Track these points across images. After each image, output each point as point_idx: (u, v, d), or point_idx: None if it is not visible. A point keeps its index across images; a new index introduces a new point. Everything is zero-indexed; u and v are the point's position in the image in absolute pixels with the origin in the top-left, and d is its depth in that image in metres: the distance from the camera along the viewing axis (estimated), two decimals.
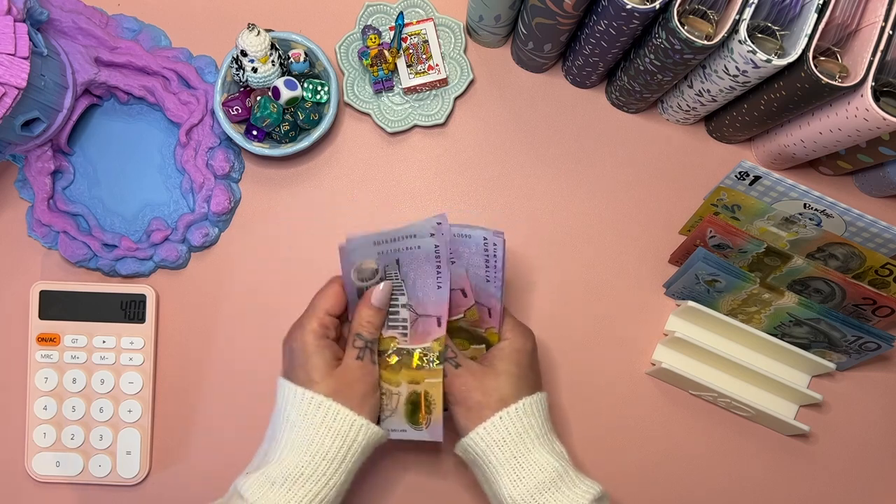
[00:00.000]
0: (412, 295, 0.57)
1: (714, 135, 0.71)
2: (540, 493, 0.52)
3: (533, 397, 0.55)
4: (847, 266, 0.63)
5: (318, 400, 0.52)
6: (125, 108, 0.68)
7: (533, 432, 0.54)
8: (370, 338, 0.55)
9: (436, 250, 0.55)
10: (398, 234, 0.55)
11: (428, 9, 0.69)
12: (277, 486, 0.51)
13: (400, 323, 0.57)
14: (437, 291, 0.56)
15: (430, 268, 0.56)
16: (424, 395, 0.56)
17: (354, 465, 0.53)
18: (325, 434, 0.52)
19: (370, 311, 0.56)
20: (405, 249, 0.56)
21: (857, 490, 0.69)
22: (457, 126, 0.70)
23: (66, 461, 0.66)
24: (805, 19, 0.55)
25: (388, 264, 0.56)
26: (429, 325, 0.56)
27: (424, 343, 0.56)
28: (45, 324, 0.66)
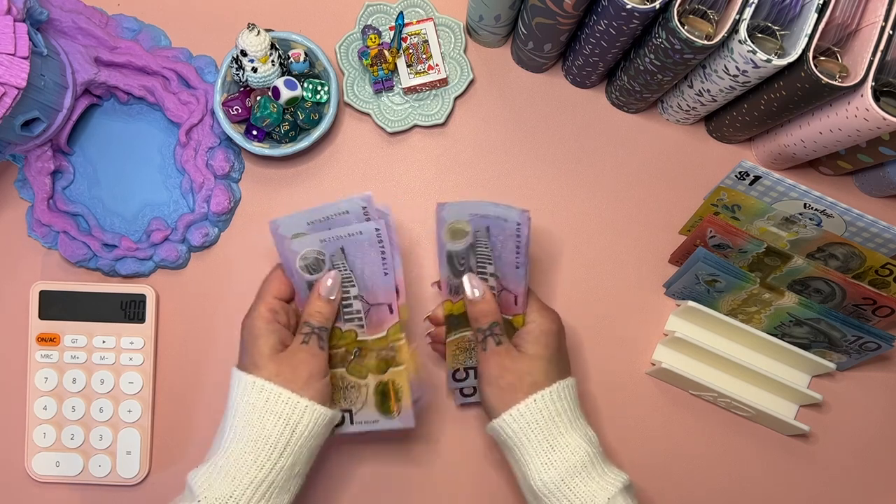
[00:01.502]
0: (362, 286, 0.57)
1: (714, 135, 0.71)
2: (571, 478, 0.52)
3: (565, 381, 0.55)
4: (847, 266, 0.63)
5: (260, 383, 0.52)
6: (125, 108, 0.68)
7: (566, 416, 0.54)
8: (318, 325, 0.55)
9: (377, 234, 0.55)
10: (328, 210, 0.55)
11: (428, 9, 0.69)
12: (223, 475, 0.51)
13: (355, 315, 0.57)
14: (385, 278, 0.56)
15: (374, 254, 0.56)
16: (392, 384, 0.56)
17: (302, 448, 0.53)
18: (267, 417, 0.52)
19: (320, 302, 0.56)
20: (347, 236, 0.56)
21: (857, 490, 0.69)
22: (457, 126, 0.70)
23: (66, 461, 0.66)
24: (805, 19, 0.55)
25: (334, 253, 0.56)
26: (382, 313, 0.57)
27: (381, 332, 0.57)
28: (45, 324, 0.66)
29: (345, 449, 0.67)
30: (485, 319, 0.56)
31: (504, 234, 0.57)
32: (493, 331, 0.56)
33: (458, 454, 0.67)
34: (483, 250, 0.57)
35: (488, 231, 0.56)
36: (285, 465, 0.52)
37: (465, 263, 0.58)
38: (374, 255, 0.56)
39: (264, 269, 0.68)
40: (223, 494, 0.50)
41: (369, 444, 0.67)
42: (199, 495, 0.50)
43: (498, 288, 0.57)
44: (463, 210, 0.56)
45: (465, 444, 0.67)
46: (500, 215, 0.56)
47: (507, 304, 0.59)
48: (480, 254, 0.57)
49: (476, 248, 0.57)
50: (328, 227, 0.56)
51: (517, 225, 0.56)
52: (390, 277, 0.56)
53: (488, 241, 0.57)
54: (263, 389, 0.52)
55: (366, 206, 0.55)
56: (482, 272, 0.57)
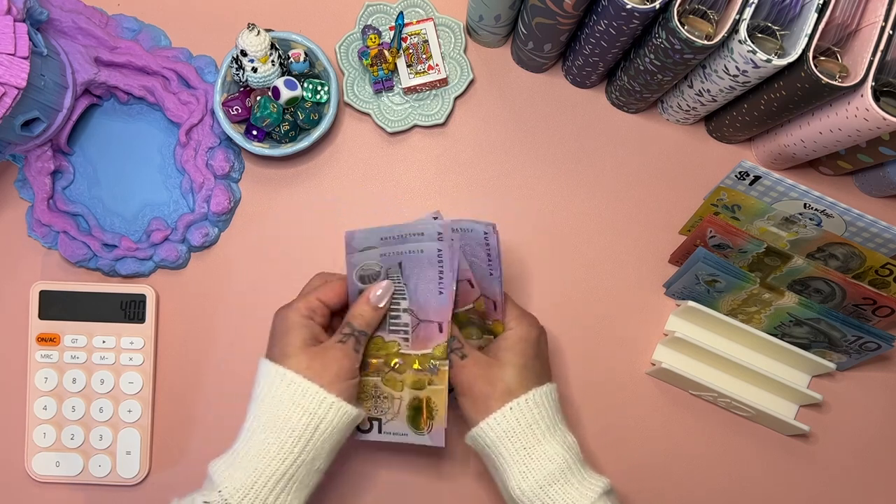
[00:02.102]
0: (414, 300, 0.57)
1: (714, 135, 0.71)
2: (549, 485, 0.52)
3: (542, 388, 0.55)
4: (847, 266, 0.63)
5: (290, 376, 0.52)
6: (125, 108, 0.68)
7: (543, 423, 0.54)
8: (359, 327, 0.55)
9: (439, 254, 0.55)
10: (405, 230, 0.55)
11: (428, 9, 0.69)
12: (244, 464, 0.51)
13: (401, 328, 0.57)
14: (439, 297, 0.56)
15: (432, 272, 0.55)
16: (427, 401, 0.56)
17: (325, 444, 0.52)
18: (292, 409, 0.51)
19: (366, 307, 0.56)
20: (408, 253, 0.55)
21: (857, 490, 0.69)
22: (457, 126, 0.70)
23: (65, 461, 0.66)
24: (805, 19, 0.55)
25: (391, 267, 0.56)
26: (430, 330, 0.56)
27: (426, 349, 0.56)
28: (45, 324, 0.66)
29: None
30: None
31: (471, 244, 0.57)
32: (451, 346, 0.56)
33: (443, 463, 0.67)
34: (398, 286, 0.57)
35: (401, 266, 0.56)
36: (307, 459, 0.51)
37: None
38: (432, 273, 0.55)
39: (264, 269, 0.68)
40: (244, 485, 0.50)
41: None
42: (220, 485, 0.50)
43: (414, 322, 0.57)
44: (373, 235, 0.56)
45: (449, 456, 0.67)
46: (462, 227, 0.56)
47: (488, 310, 0.59)
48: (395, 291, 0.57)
49: None
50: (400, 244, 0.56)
51: (484, 234, 0.56)
52: (444, 297, 0.56)
53: (401, 277, 0.56)
54: (292, 383, 0.52)
55: (441, 232, 0.55)
56: (395, 308, 0.57)
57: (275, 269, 0.68)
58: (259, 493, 0.50)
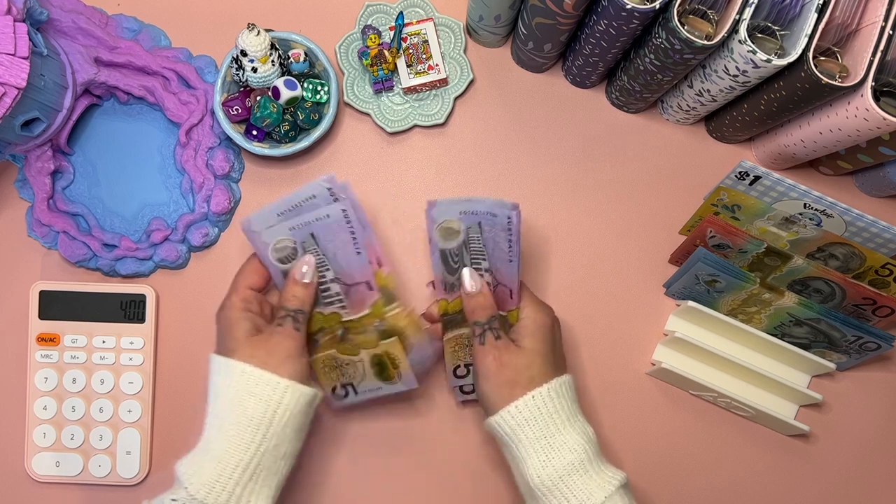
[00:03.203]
0: (336, 268, 0.57)
1: (714, 135, 0.71)
2: (568, 475, 0.52)
3: (563, 378, 0.55)
4: (847, 266, 0.63)
5: (240, 367, 0.52)
6: (125, 108, 0.68)
7: (564, 413, 0.54)
8: (293, 308, 0.55)
9: (344, 215, 0.55)
10: (296, 198, 0.56)
11: (428, 9, 0.69)
12: (207, 460, 0.51)
13: (335, 298, 0.57)
14: (358, 257, 0.56)
15: (345, 235, 0.56)
16: (386, 354, 0.57)
17: (286, 428, 0.53)
18: (248, 399, 0.52)
19: (296, 287, 0.56)
20: (315, 221, 0.56)
21: (857, 490, 0.69)
22: (457, 126, 0.70)
23: (65, 461, 0.66)
24: (805, 19, 0.55)
25: (305, 240, 0.57)
26: (361, 292, 0.57)
27: (363, 311, 0.57)
28: (44, 324, 0.66)
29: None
30: (483, 313, 0.56)
31: (495, 228, 0.57)
32: (491, 325, 0.56)
33: (457, 451, 0.67)
34: (476, 246, 0.57)
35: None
36: (269, 446, 0.52)
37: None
38: (345, 235, 0.56)
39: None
40: (209, 479, 0.50)
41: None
42: (186, 482, 0.50)
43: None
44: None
45: (464, 442, 0.67)
46: (490, 210, 0.56)
47: (503, 299, 0.59)
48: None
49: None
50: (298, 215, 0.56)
51: (508, 219, 0.56)
52: (363, 256, 0.56)
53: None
54: (244, 373, 0.52)
55: (330, 186, 0.55)
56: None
57: None
58: (225, 485, 0.50)
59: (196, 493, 0.50)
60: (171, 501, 0.50)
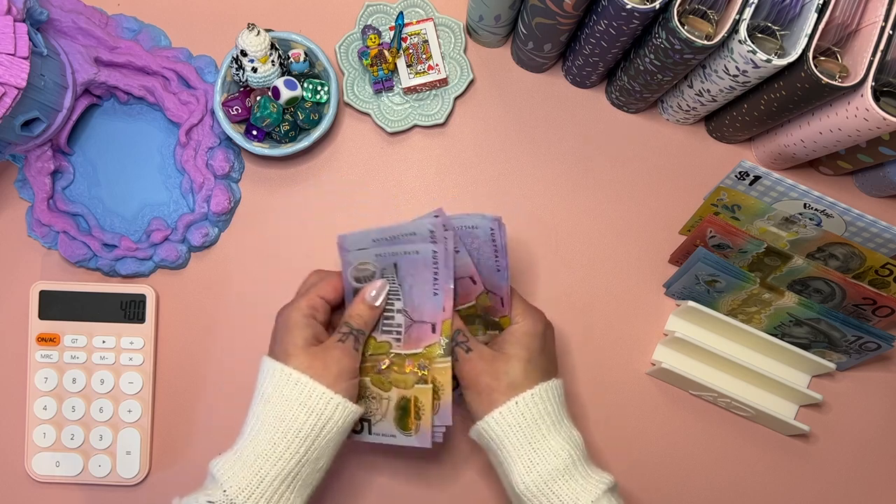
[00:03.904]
0: (408, 301, 0.57)
1: (714, 135, 0.71)
2: (554, 481, 0.52)
3: (548, 383, 0.55)
4: (847, 266, 0.63)
5: (295, 376, 0.52)
6: (125, 108, 0.68)
7: (549, 418, 0.54)
8: (357, 327, 0.55)
9: (433, 256, 0.55)
10: (396, 231, 0.55)
11: (428, 9, 0.69)
12: (249, 463, 0.51)
13: (394, 328, 0.57)
14: (433, 298, 0.56)
15: (427, 274, 0.55)
16: (414, 400, 0.56)
17: (329, 443, 0.52)
18: (299, 410, 0.51)
19: (363, 306, 0.56)
20: (403, 254, 0.55)
21: (857, 490, 0.69)
22: (457, 126, 0.70)
23: (65, 461, 0.66)
24: (805, 19, 0.55)
25: (386, 268, 0.56)
26: (423, 331, 0.56)
27: (417, 349, 0.56)
28: (45, 324, 0.66)
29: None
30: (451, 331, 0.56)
31: (478, 240, 0.56)
32: (457, 340, 0.56)
33: (452, 458, 0.67)
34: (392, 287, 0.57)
35: (396, 267, 0.56)
36: (311, 458, 0.52)
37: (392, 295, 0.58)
38: (427, 274, 0.55)
39: (264, 269, 0.68)
40: (248, 484, 0.50)
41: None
42: (224, 484, 0.50)
43: (407, 323, 0.57)
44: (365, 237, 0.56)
45: (456, 450, 0.67)
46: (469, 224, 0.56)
47: (495, 306, 0.59)
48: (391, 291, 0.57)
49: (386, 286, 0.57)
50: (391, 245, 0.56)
51: (490, 230, 0.56)
52: (439, 298, 0.56)
53: (396, 278, 0.57)
54: (298, 382, 0.52)
55: (434, 230, 0.55)
56: (389, 308, 0.57)
57: (275, 268, 0.68)
58: (264, 492, 0.50)
59: (235, 497, 0.50)
60: (208, 503, 0.50)
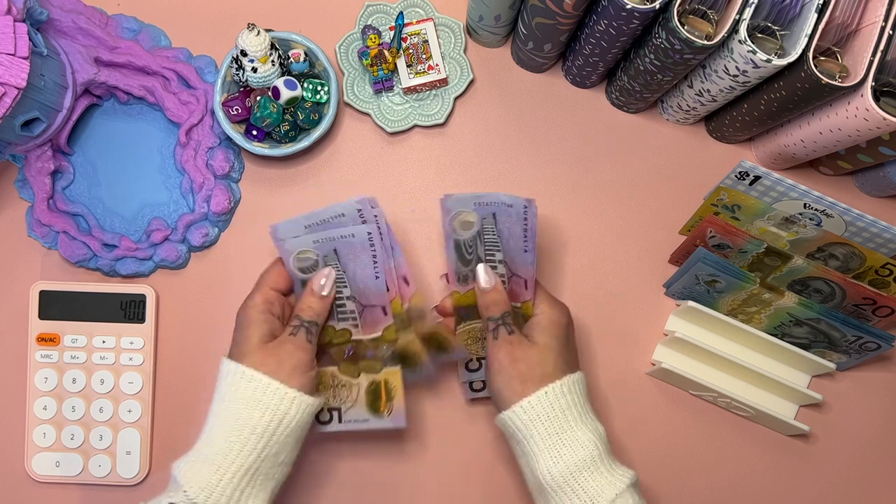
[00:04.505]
0: (353, 287, 0.57)
1: (714, 135, 0.71)
2: (579, 472, 0.52)
3: (575, 375, 0.55)
4: (847, 266, 0.63)
5: (249, 373, 0.52)
6: (125, 108, 0.68)
7: (576, 410, 0.54)
8: (307, 319, 0.55)
9: (369, 237, 0.55)
10: (325, 214, 0.56)
11: (428, 9, 0.69)
12: (208, 463, 0.51)
13: (349, 315, 0.58)
14: (376, 281, 0.56)
15: (366, 257, 0.56)
16: (385, 383, 0.57)
17: (289, 437, 0.53)
18: (254, 407, 0.52)
19: (312, 298, 0.56)
20: (340, 238, 0.56)
21: (857, 490, 0.69)
22: (457, 126, 0.70)
23: (65, 461, 0.66)
24: (805, 19, 0.55)
25: (327, 254, 0.57)
26: (375, 314, 0.57)
27: (375, 333, 0.57)
28: (45, 324, 0.66)
29: (329, 446, 0.66)
30: (496, 309, 0.56)
31: (510, 219, 0.57)
32: (504, 320, 0.56)
33: (464, 449, 0.67)
34: (490, 237, 0.57)
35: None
36: (270, 453, 0.52)
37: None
38: (366, 258, 0.56)
39: (264, 269, 0.68)
40: (208, 483, 0.50)
41: (356, 441, 0.66)
42: (185, 485, 0.50)
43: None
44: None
45: (473, 438, 0.67)
46: (505, 201, 0.57)
47: (518, 289, 0.59)
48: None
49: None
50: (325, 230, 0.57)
51: (524, 208, 0.56)
52: (381, 281, 0.57)
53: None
54: (252, 379, 0.52)
55: (361, 209, 0.56)
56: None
57: None
58: (224, 490, 0.50)
59: (195, 497, 0.50)
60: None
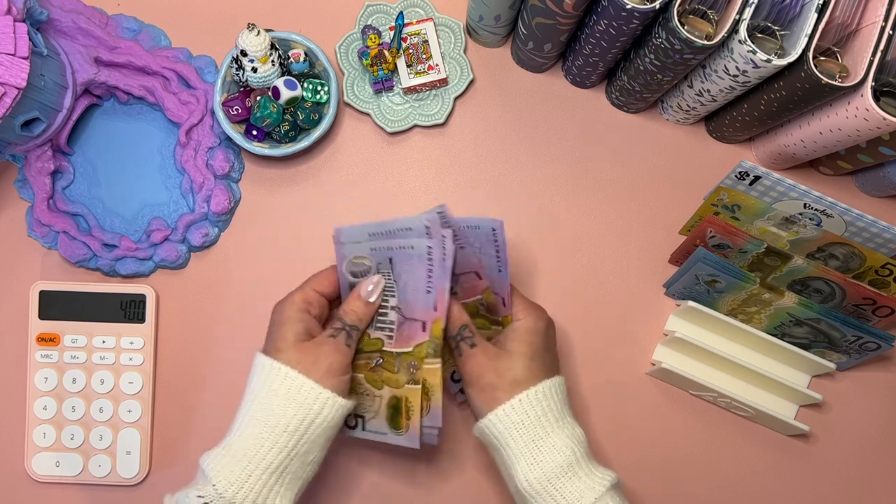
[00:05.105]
0: (402, 297, 0.57)
1: (714, 135, 0.71)
2: (557, 478, 0.52)
3: (551, 381, 0.55)
4: (847, 266, 0.63)
5: (284, 371, 0.52)
6: (125, 108, 0.68)
7: (552, 415, 0.54)
8: (350, 322, 0.55)
9: (428, 251, 0.55)
10: (393, 225, 0.55)
11: (428, 9, 0.69)
12: (238, 458, 0.51)
13: (387, 325, 0.57)
14: (426, 296, 0.56)
15: (421, 270, 0.55)
16: (405, 400, 0.56)
17: (319, 437, 0.52)
18: (287, 404, 0.51)
19: (358, 302, 0.56)
20: (398, 248, 0.55)
21: (857, 490, 0.69)
22: (457, 126, 0.70)
23: (65, 461, 0.66)
24: (805, 19, 0.55)
25: (381, 262, 0.56)
26: (413, 329, 0.56)
27: (407, 348, 0.56)
28: (44, 324, 0.66)
29: (348, 451, 0.67)
30: (452, 327, 0.56)
31: (480, 240, 0.57)
32: (462, 335, 0.56)
33: (454, 456, 0.67)
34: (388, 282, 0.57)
35: (391, 262, 0.56)
36: (300, 451, 0.52)
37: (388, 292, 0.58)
38: (421, 270, 0.55)
39: (264, 269, 0.68)
40: (238, 478, 0.50)
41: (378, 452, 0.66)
42: (213, 479, 0.50)
43: (400, 320, 0.57)
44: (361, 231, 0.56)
45: (457, 444, 0.67)
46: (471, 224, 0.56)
47: (497, 307, 0.59)
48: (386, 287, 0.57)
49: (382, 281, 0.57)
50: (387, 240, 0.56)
51: (492, 230, 0.56)
52: (432, 295, 0.55)
53: (391, 274, 0.56)
54: (287, 377, 0.52)
55: (429, 226, 0.54)
56: (384, 305, 0.57)
57: (275, 268, 0.68)
58: (253, 486, 0.50)
59: (224, 492, 0.50)
60: (198, 498, 0.50)
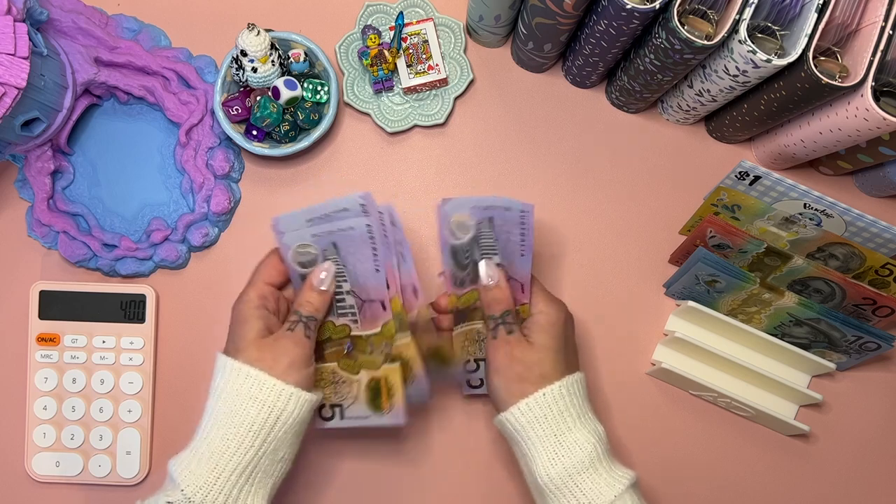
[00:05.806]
0: (353, 281, 0.57)
1: (714, 135, 0.71)
2: (578, 473, 0.52)
3: (574, 376, 0.55)
4: (847, 266, 0.63)
5: (245, 370, 0.51)
6: (125, 108, 0.68)
7: (574, 411, 0.54)
8: (306, 314, 0.55)
9: (368, 230, 0.55)
10: (328, 208, 0.55)
11: (428, 9, 0.69)
12: (204, 461, 0.50)
13: (348, 310, 0.57)
14: (376, 275, 0.56)
15: (366, 250, 0.55)
16: (385, 380, 0.56)
17: (286, 434, 0.52)
18: (250, 404, 0.51)
19: (311, 292, 0.56)
20: (339, 231, 0.55)
21: (857, 490, 0.69)
22: (457, 126, 0.70)
23: (65, 461, 0.66)
24: (805, 19, 0.55)
25: (327, 248, 0.56)
26: (374, 309, 0.56)
27: (375, 329, 0.57)
28: (44, 324, 0.66)
29: (329, 444, 0.66)
30: (497, 307, 0.56)
31: (508, 223, 0.57)
32: (504, 319, 0.56)
33: (461, 447, 0.67)
34: (487, 241, 0.57)
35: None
36: (268, 450, 0.51)
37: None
38: (366, 251, 0.55)
39: None
40: (206, 481, 0.50)
41: (357, 440, 0.66)
42: (182, 483, 0.50)
43: (359, 303, 0.57)
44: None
45: (469, 437, 0.67)
46: (503, 205, 0.56)
47: (514, 293, 0.59)
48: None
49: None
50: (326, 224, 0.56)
51: (521, 212, 0.56)
52: (381, 275, 0.56)
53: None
54: (248, 376, 0.51)
55: (364, 203, 0.55)
56: (339, 291, 0.57)
57: None
58: (222, 488, 0.50)
59: (193, 496, 0.50)
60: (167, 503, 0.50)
